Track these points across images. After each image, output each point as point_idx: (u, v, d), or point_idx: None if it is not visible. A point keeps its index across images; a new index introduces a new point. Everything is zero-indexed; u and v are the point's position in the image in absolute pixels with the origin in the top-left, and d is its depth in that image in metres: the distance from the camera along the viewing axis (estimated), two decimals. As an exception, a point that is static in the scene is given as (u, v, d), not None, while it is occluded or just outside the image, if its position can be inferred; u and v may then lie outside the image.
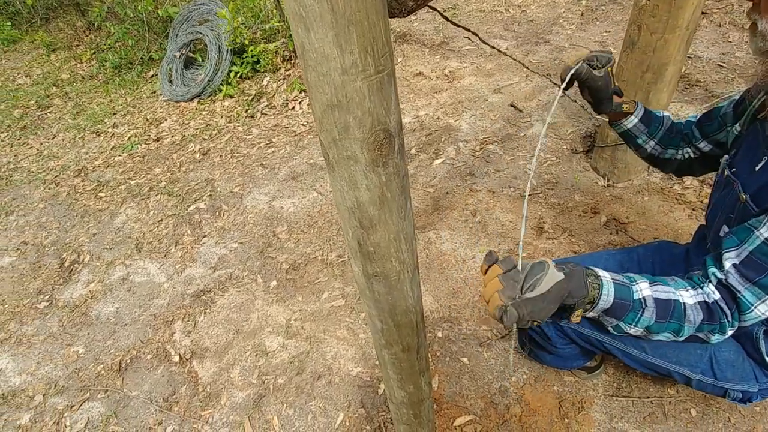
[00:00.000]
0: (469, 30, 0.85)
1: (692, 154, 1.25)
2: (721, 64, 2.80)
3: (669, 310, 0.92)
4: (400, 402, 1.16)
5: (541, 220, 2.12)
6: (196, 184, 2.90)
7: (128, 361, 1.93)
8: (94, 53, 4.82)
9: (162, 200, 2.81)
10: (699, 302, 0.92)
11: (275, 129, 3.27)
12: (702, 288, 0.93)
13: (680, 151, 1.27)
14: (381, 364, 1.08)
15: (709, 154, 1.21)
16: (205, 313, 2.07)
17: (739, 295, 0.89)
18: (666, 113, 1.27)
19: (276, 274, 2.18)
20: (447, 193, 2.40)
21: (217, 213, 2.63)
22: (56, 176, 3.24)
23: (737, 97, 1.13)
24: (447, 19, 0.85)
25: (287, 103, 3.44)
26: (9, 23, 5.74)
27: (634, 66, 1.82)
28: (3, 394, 1.89)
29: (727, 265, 0.90)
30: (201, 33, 3.85)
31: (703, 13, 3.22)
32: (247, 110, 3.50)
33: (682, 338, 0.95)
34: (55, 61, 5.00)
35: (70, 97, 4.30)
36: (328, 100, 0.54)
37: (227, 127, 3.41)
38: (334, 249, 2.24)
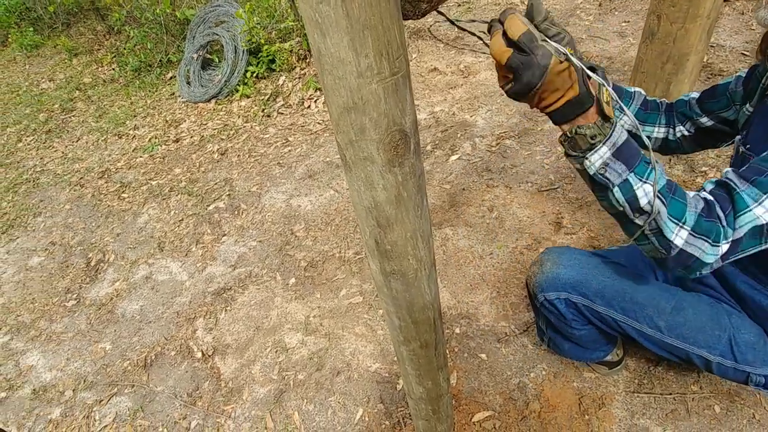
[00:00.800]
0: (467, 31, 0.84)
1: (686, 132, 1.20)
2: (745, 52, 2.73)
3: (674, 186, 0.87)
4: (418, 398, 1.17)
5: (559, 215, 2.11)
6: (215, 184, 2.95)
7: (153, 358, 1.98)
8: (115, 57, 4.92)
9: (182, 200, 2.87)
10: (697, 194, 0.88)
11: (291, 128, 3.31)
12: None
13: (660, 129, 1.22)
14: (399, 360, 1.09)
15: (711, 129, 1.18)
16: (226, 310, 2.11)
17: (736, 192, 0.84)
18: (637, 89, 1.22)
19: (294, 271, 2.21)
20: (463, 189, 2.39)
21: (236, 212, 2.68)
22: (81, 178, 3.33)
23: (744, 74, 1.10)
24: (452, 21, 0.84)
25: (303, 102, 3.47)
26: (31, 29, 5.90)
27: (654, 57, 1.78)
28: (35, 390, 1.96)
29: (725, 170, 0.89)
30: (217, 34, 3.90)
31: (725, 0, 3.14)
32: (263, 110, 3.54)
33: (686, 229, 0.84)
34: (77, 65, 5.13)
35: (92, 101, 4.40)
36: (344, 102, 0.55)
37: (244, 126, 3.46)
38: (351, 246, 2.25)
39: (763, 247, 0.86)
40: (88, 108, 4.30)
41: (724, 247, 0.84)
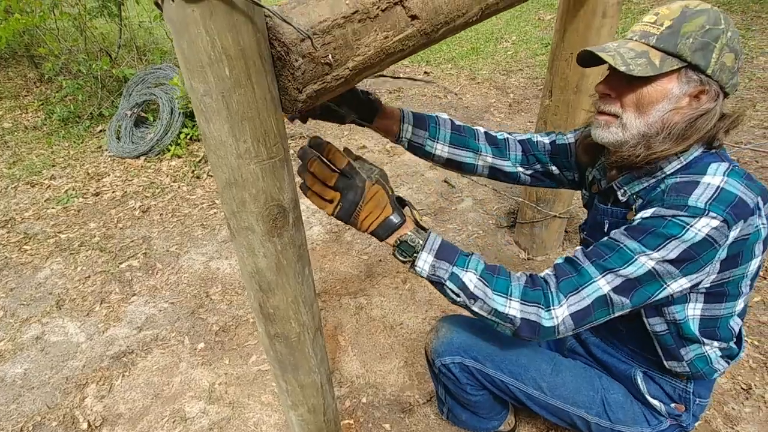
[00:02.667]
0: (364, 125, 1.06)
1: (527, 173, 1.30)
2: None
3: (497, 268, 0.98)
4: (308, 467, 1.17)
5: (466, 289, 2.24)
6: (132, 241, 2.85)
7: (30, 429, 1.79)
8: (42, 105, 4.77)
9: (93, 256, 2.73)
10: (524, 273, 0.99)
11: (220, 190, 3.32)
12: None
13: (487, 158, 1.27)
14: (289, 426, 1.10)
15: (557, 177, 1.30)
16: (123, 376, 1.98)
17: (581, 266, 0.95)
18: (441, 115, 1.25)
19: (205, 335, 2.14)
20: (380, 260, 2.50)
21: (151, 271, 2.59)
22: (-21, 227, 3.08)
23: (571, 142, 1.25)
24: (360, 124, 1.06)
25: (235, 166, 3.51)
26: (-46, 69, 5.61)
27: (545, 154, 2.06)
28: None
29: (576, 249, 1.00)
30: (155, 95, 3.94)
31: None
32: (193, 171, 3.54)
33: (516, 300, 0.94)
34: (-1, 109, 4.90)
35: (8, 146, 4.18)
36: (227, 178, 0.63)
37: (171, 186, 3.42)
38: (266, 312, 2.24)
39: (615, 315, 0.96)
40: (2, 153, 4.07)
41: (560, 311, 0.93)
